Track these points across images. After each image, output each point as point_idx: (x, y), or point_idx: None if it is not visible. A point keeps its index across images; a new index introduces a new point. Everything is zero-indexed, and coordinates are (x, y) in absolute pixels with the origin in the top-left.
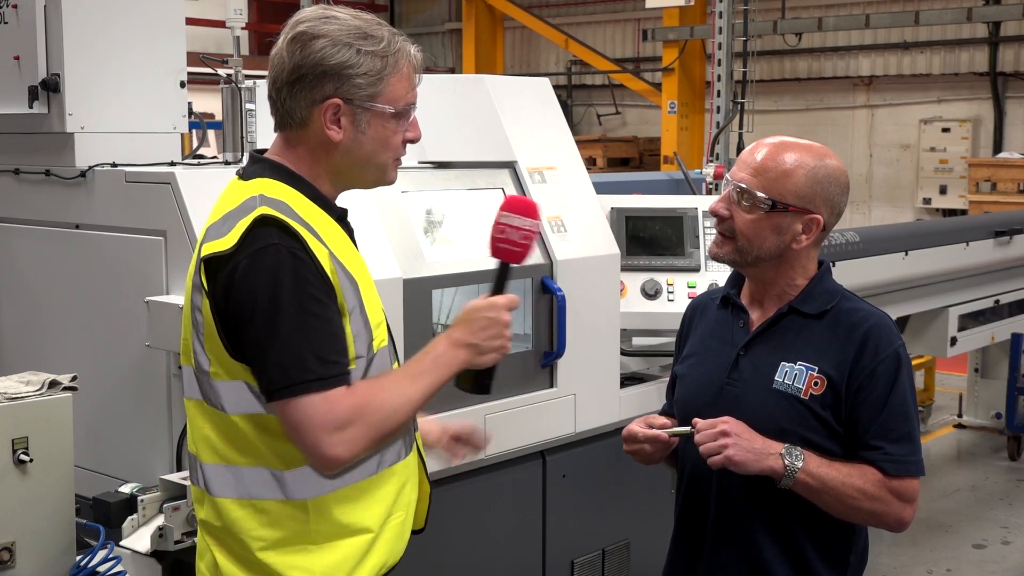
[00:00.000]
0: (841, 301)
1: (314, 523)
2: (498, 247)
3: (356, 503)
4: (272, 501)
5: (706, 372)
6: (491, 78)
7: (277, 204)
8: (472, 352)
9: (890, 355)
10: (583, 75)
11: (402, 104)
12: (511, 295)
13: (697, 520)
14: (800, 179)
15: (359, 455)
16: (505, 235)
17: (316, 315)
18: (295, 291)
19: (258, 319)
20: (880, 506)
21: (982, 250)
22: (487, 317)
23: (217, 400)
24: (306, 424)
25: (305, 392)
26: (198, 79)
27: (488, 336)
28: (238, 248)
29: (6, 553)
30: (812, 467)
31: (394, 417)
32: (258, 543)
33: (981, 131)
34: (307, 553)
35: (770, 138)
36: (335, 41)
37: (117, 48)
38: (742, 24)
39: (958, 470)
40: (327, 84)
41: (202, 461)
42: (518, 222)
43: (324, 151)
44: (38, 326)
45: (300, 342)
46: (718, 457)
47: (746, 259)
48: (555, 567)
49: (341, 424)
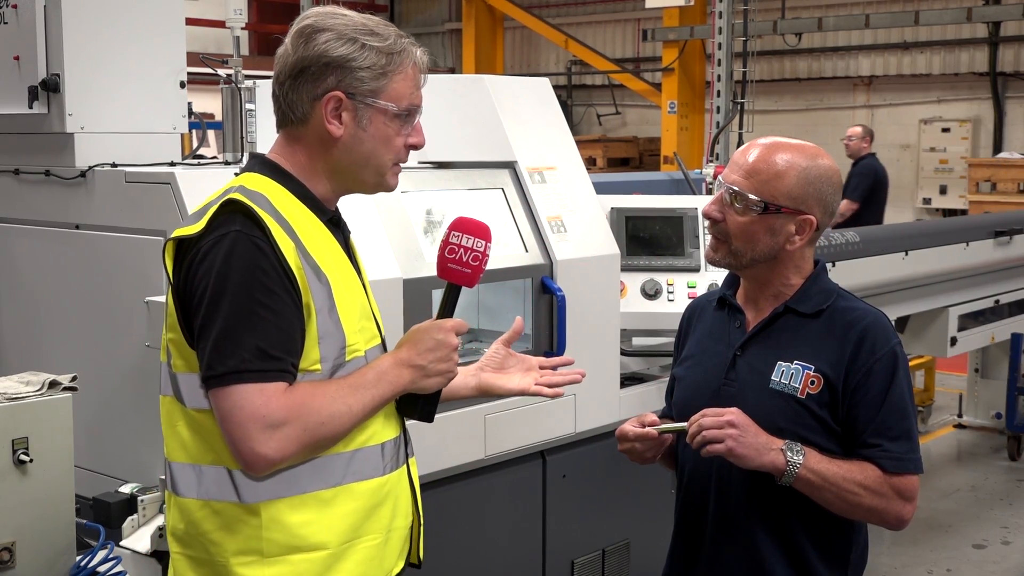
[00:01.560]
0: (837, 300)
1: (266, 530)
2: (447, 268)
3: (314, 514)
4: (226, 503)
5: (703, 373)
6: (491, 78)
7: (253, 195)
8: (417, 373)
9: (887, 353)
10: (583, 75)
11: (406, 104)
12: (459, 319)
13: (696, 520)
14: (792, 180)
15: (288, 458)
16: (455, 255)
17: (265, 306)
18: (246, 278)
19: (206, 303)
20: (881, 502)
21: (982, 250)
22: (435, 339)
23: (182, 396)
24: (236, 415)
25: (238, 381)
26: (198, 79)
27: (435, 359)
28: (204, 233)
29: (6, 553)
30: (813, 463)
31: (331, 424)
32: (216, 548)
33: (981, 131)
34: (260, 566)
35: (762, 139)
36: (340, 35)
37: (117, 48)
38: (742, 24)
39: (958, 470)
40: (329, 77)
41: (169, 460)
42: (468, 243)
43: (323, 148)
44: (38, 326)
45: (242, 330)
46: (719, 446)
47: (741, 262)
48: (555, 567)
49: (273, 422)
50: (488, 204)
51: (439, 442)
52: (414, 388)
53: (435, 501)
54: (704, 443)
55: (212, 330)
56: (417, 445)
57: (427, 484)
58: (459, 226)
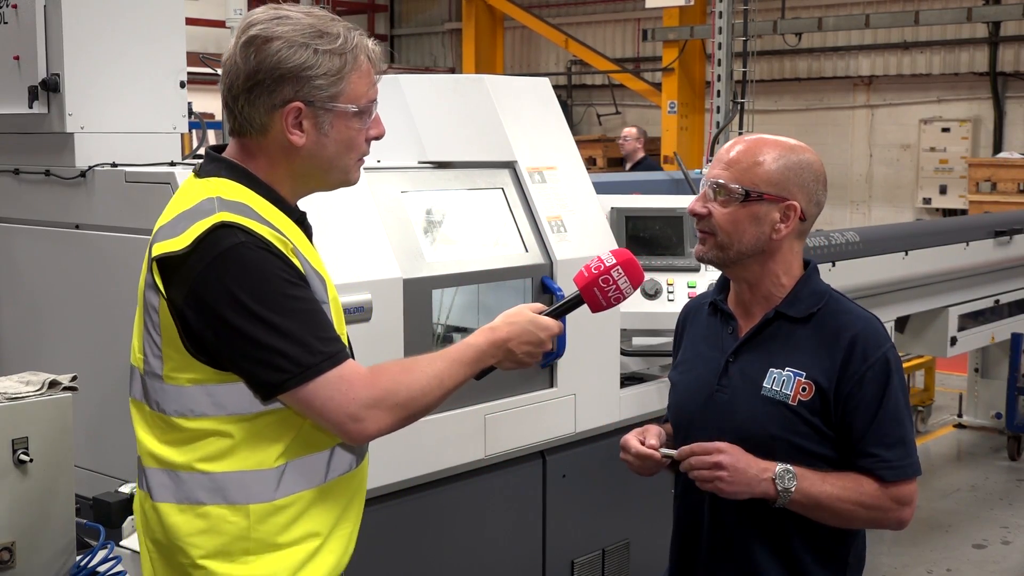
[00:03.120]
0: (828, 303)
1: (256, 530)
2: (591, 288)
3: (302, 513)
4: (212, 506)
5: (696, 379)
6: (491, 78)
7: (236, 206)
8: (505, 356)
9: (879, 359)
10: (583, 75)
11: (364, 102)
12: (560, 325)
13: (693, 526)
14: (771, 167)
15: (386, 431)
16: (607, 285)
17: (299, 299)
18: (275, 283)
19: (246, 318)
20: (878, 514)
21: (982, 250)
22: (537, 336)
23: (163, 404)
24: (329, 404)
25: (318, 374)
26: (198, 79)
27: (526, 351)
28: (194, 249)
29: (6, 553)
30: (806, 487)
31: (423, 398)
32: (197, 551)
33: (981, 131)
34: (245, 564)
35: (747, 136)
36: (290, 42)
37: (117, 48)
38: (742, 24)
39: (958, 470)
40: (286, 88)
41: (144, 465)
42: (624, 284)
43: (285, 156)
44: (38, 326)
45: (299, 329)
46: (709, 485)
47: (728, 255)
48: (555, 567)
49: (365, 402)
50: (488, 204)
51: (439, 442)
52: (495, 365)
53: (435, 501)
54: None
55: (269, 340)
56: (417, 445)
57: (427, 484)
58: (626, 264)
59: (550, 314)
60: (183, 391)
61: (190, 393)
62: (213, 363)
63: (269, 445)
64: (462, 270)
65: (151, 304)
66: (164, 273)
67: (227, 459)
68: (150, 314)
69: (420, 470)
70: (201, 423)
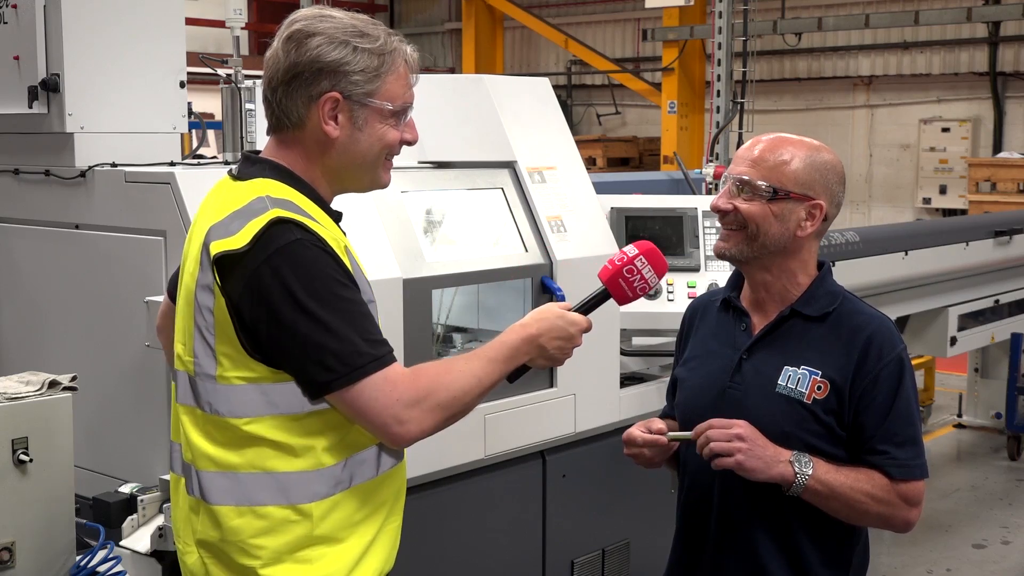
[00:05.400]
0: (843, 303)
1: (317, 528)
2: (616, 280)
3: (359, 507)
4: (274, 507)
5: (708, 375)
6: (491, 78)
7: (286, 204)
8: (537, 353)
9: (893, 360)
10: (583, 75)
11: (400, 103)
12: (590, 321)
13: (698, 524)
14: (799, 166)
15: (429, 432)
16: (632, 275)
17: (351, 300)
18: (327, 281)
19: (298, 312)
20: (887, 509)
21: (982, 250)
22: (568, 332)
23: (217, 405)
24: (374, 406)
25: (364, 376)
26: (198, 79)
27: (557, 347)
28: (253, 247)
29: (6, 553)
30: (821, 474)
31: (463, 398)
32: (264, 551)
33: (981, 131)
34: (307, 563)
35: (766, 135)
36: (331, 39)
37: (117, 48)
38: (742, 24)
39: (958, 470)
40: (324, 81)
41: (198, 469)
42: (648, 273)
43: (320, 151)
44: (38, 326)
45: (347, 329)
46: (728, 459)
47: (753, 249)
48: (555, 567)
49: (408, 403)
50: (488, 204)
51: (439, 442)
52: (527, 363)
53: (435, 501)
54: (713, 455)
55: (318, 338)
56: (417, 445)
57: (427, 484)
58: (649, 254)
59: (577, 310)
60: (236, 390)
61: (244, 392)
62: (267, 360)
63: (325, 443)
64: (462, 270)
65: (204, 305)
66: (222, 270)
67: (285, 458)
68: (203, 314)
69: (420, 470)
70: (256, 423)
